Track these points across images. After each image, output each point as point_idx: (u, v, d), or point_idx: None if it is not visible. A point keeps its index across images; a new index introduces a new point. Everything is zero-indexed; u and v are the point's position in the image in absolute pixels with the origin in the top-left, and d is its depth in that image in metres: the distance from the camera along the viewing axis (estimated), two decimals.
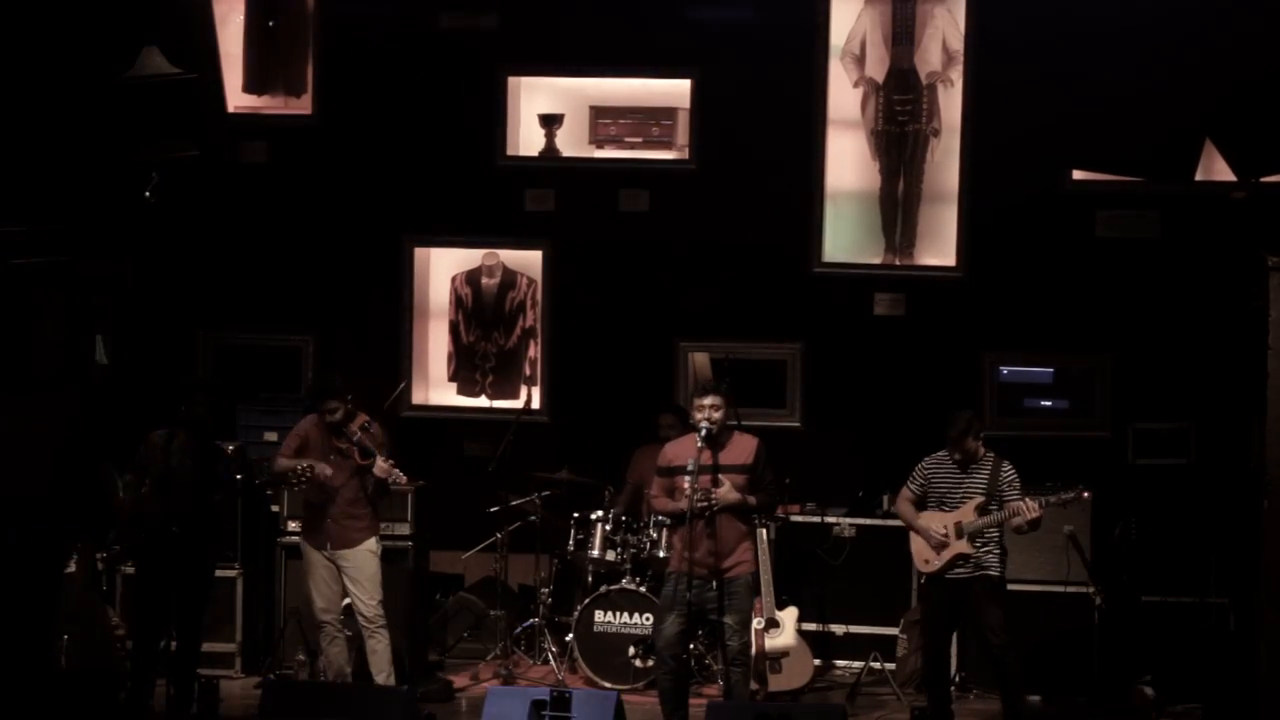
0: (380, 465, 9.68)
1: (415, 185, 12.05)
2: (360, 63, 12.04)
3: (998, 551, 9.43)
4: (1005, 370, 11.55)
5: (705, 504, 8.87)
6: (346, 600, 9.91)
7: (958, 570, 9.43)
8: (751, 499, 9.04)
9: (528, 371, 12.08)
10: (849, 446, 11.50)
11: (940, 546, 9.41)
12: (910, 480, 9.64)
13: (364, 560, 9.74)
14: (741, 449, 9.08)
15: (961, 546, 9.39)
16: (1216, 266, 10.83)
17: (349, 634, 9.87)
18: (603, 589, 10.59)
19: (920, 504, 9.58)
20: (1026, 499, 9.41)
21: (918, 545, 9.56)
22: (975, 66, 11.52)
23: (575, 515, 10.87)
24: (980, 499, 9.39)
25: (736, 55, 11.73)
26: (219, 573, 10.11)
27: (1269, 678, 8.98)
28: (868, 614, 11.05)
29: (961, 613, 9.57)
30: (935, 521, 9.46)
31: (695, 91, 11.80)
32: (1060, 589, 10.50)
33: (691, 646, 9.65)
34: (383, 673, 9.69)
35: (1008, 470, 9.47)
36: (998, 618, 9.43)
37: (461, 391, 12.18)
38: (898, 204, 11.72)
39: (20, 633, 10.04)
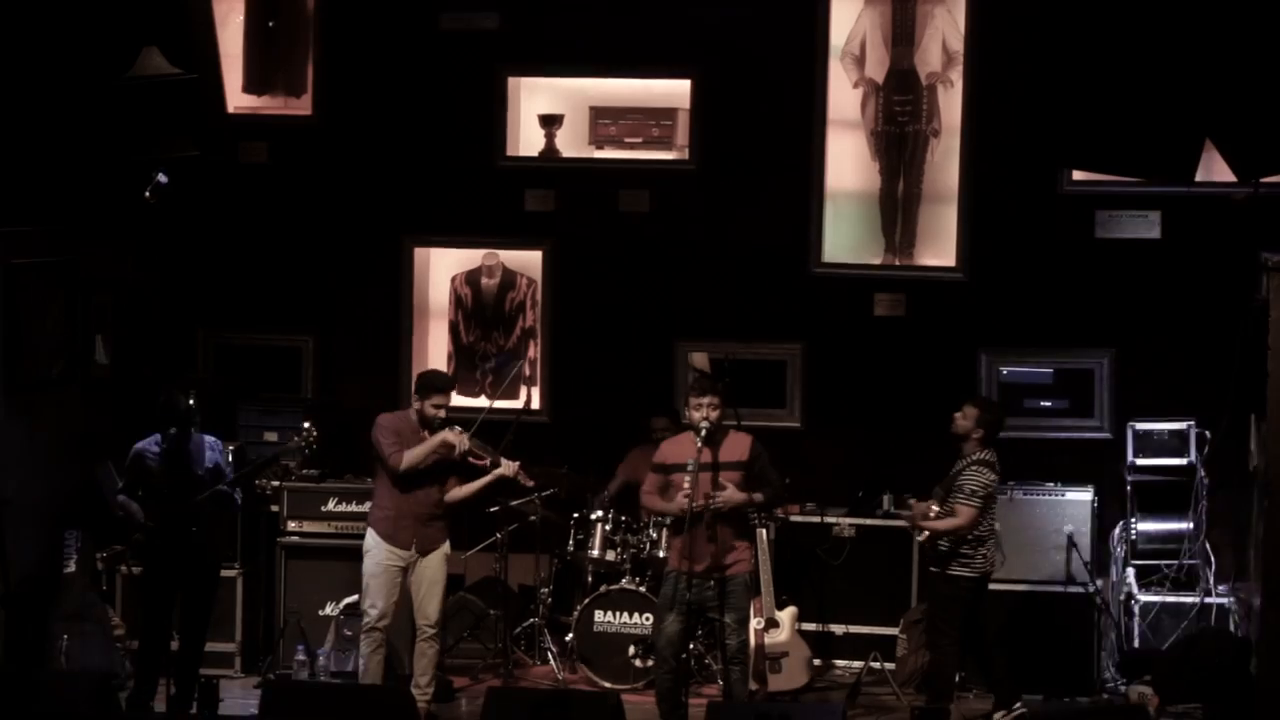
0: (509, 465, 9.72)
1: (415, 185, 12.04)
2: (360, 63, 12.04)
3: (949, 544, 9.58)
4: (1005, 370, 11.54)
5: (704, 506, 8.89)
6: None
7: (931, 563, 9.75)
8: (757, 495, 9.07)
9: (527, 371, 12.08)
10: (849, 446, 11.50)
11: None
12: None
13: (440, 564, 9.75)
14: (737, 446, 9.13)
15: (921, 536, 9.70)
16: (1216, 266, 10.84)
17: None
18: (603, 589, 10.60)
19: None
20: (928, 505, 9.66)
21: None
22: (975, 66, 11.52)
23: (575, 515, 10.88)
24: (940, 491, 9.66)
25: (736, 55, 11.72)
26: (219, 572, 10.11)
27: (1269, 678, 8.98)
28: (868, 614, 11.05)
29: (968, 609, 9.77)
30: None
31: (695, 91, 11.79)
32: (1060, 589, 10.50)
33: (691, 646, 9.66)
34: (426, 675, 9.69)
35: (970, 473, 9.59)
36: (930, 613, 9.80)
37: (461, 391, 12.17)
38: (898, 204, 11.72)
39: (20, 632, 10.07)
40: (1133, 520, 10.70)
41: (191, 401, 9.46)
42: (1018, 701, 9.68)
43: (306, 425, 9.77)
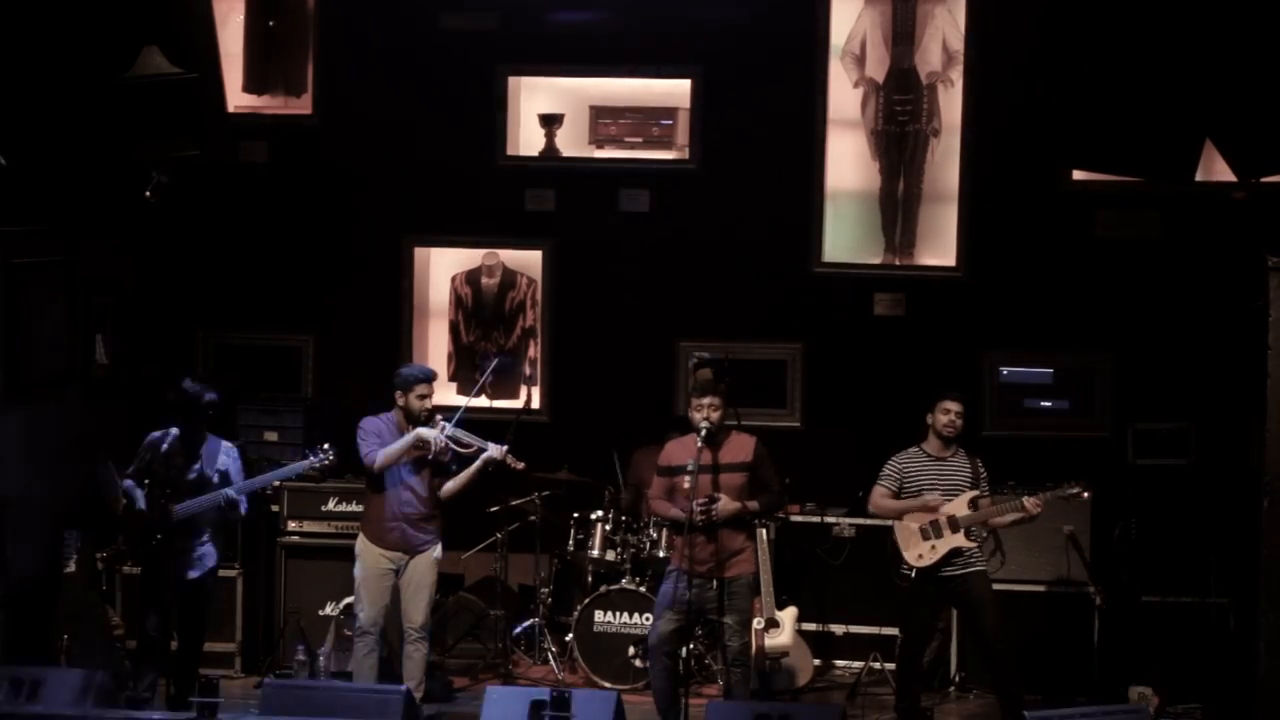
0: (497, 448, 9.60)
1: (415, 185, 12.04)
2: (360, 63, 12.04)
3: (985, 546, 9.64)
4: (1005, 370, 11.54)
5: (705, 517, 8.90)
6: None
7: (948, 567, 9.47)
8: (752, 504, 9.06)
9: (528, 371, 12.08)
10: (849, 446, 11.48)
11: (934, 537, 9.46)
12: (882, 479, 9.69)
13: (427, 567, 9.71)
14: (740, 447, 9.12)
15: (957, 540, 9.47)
16: (1216, 266, 10.84)
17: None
18: (603, 589, 10.60)
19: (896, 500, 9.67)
20: (1027, 497, 9.46)
21: (907, 539, 9.58)
22: (975, 66, 11.52)
23: (575, 515, 10.88)
24: (970, 492, 9.47)
25: (736, 55, 11.73)
26: (219, 572, 10.09)
27: (1269, 678, 8.98)
28: (868, 614, 11.04)
29: (944, 611, 9.65)
30: (924, 517, 9.52)
31: (695, 91, 11.79)
32: (1060, 589, 10.50)
33: (691, 646, 9.66)
34: (414, 679, 9.68)
35: (980, 465, 9.65)
36: (996, 616, 9.49)
37: (461, 391, 12.17)
38: (898, 204, 11.72)
39: (20, 632, 10.07)
40: (1132, 520, 10.70)
41: (210, 396, 9.44)
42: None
43: (326, 447, 9.66)
